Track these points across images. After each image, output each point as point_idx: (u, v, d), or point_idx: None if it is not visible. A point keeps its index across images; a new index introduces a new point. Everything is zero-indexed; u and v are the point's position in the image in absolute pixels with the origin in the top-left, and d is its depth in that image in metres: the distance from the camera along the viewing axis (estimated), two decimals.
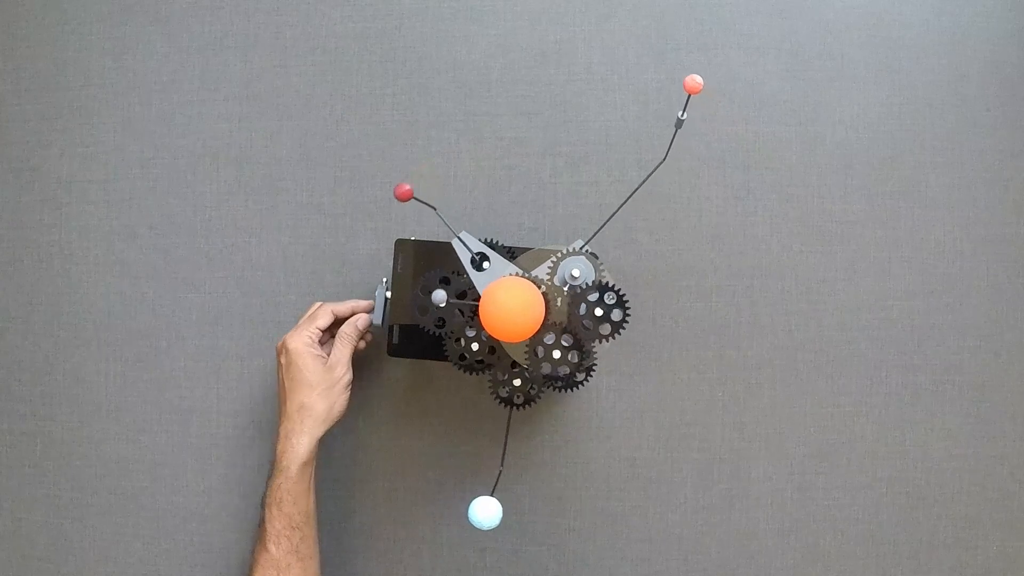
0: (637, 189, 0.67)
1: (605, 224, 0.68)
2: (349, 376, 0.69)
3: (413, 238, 0.74)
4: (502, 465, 0.67)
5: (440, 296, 0.62)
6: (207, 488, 0.79)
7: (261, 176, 0.80)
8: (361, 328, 0.71)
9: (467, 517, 0.61)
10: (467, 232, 0.67)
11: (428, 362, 0.78)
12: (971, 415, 0.77)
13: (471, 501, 0.61)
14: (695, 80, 0.60)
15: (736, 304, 0.78)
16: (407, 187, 0.63)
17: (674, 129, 0.63)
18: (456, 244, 0.66)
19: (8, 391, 0.81)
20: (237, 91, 0.81)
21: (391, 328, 0.73)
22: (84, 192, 0.81)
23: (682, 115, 0.63)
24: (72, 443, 0.80)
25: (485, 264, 0.66)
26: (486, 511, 0.61)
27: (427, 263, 0.72)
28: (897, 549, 0.77)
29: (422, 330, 0.66)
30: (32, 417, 0.81)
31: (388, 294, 0.73)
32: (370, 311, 0.74)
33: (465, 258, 0.66)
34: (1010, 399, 0.77)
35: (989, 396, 0.77)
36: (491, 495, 0.62)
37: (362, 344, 0.73)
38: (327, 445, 0.78)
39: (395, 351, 0.74)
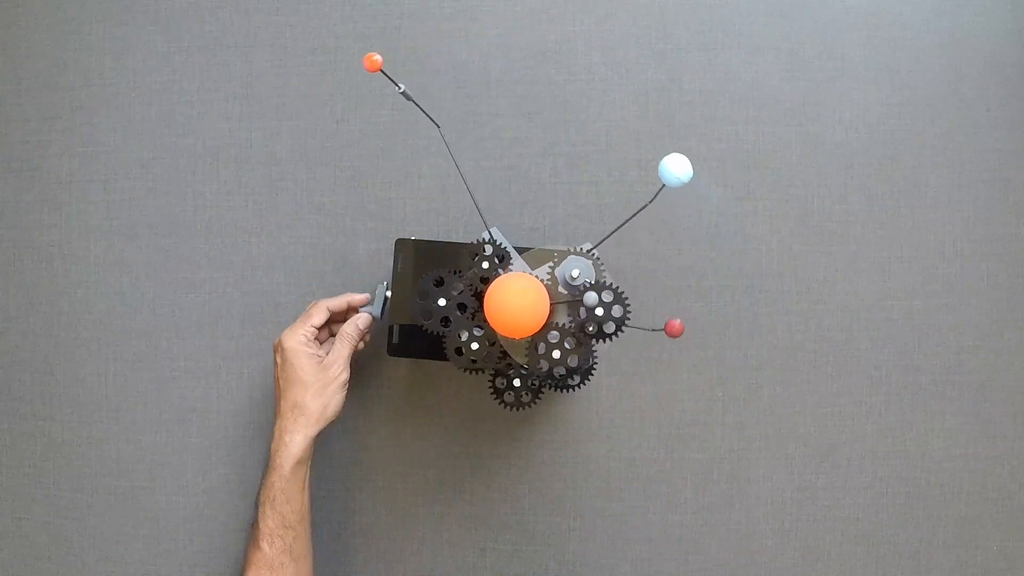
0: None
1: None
2: (345, 376, 0.69)
3: (413, 238, 0.74)
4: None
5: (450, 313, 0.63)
6: (207, 488, 0.79)
7: (261, 176, 0.80)
8: (362, 327, 0.71)
9: (660, 176, 0.58)
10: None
11: (428, 362, 0.78)
12: (971, 415, 0.77)
13: (661, 160, 0.58)
14: (372, 60, 0.59)
15: (736, 304, 0.78)
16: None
17: (411, 102, 0.64)
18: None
19: (8, 391, 0.81)
20: (237, 91, 0.80)
21: (391, 328, 0.73)
22: (84, 192, 0.81)
23: (400, 88, 0.63)
24: (72, 443, 0.80)
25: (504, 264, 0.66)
26: (679, 165, 0.58)
27: (427, 263, 0.72)
28: (897, 549, 0.77)
29: (422, 330, 0.66)
30: (32, 417, 0.81)
31: (388, 293, 0.73)
32: (367, 304, 0.73)
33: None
34: (1010, 399, 0.77)
35: (989, 396, 0.77)
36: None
37: (362, 344, 0.73)
38: (327, 445, 0.78)
39: (395, 351, 0.74)
